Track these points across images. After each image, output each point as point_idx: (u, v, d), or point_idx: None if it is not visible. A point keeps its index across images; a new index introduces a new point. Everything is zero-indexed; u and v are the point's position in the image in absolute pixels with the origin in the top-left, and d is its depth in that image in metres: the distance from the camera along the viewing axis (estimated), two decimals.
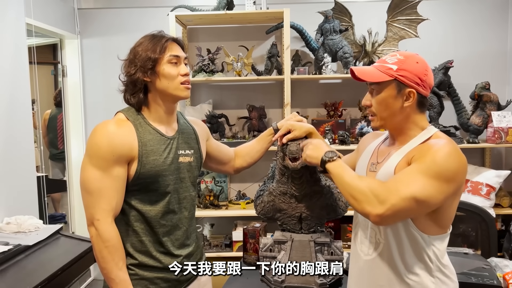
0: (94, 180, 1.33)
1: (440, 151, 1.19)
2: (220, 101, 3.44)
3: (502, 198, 3.17)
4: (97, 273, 3.45)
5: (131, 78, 1.40)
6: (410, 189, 1.14)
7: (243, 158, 1.82)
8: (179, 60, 1.44)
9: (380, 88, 1.29)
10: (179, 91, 1.43)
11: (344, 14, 3.18)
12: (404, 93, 1.27)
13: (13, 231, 2.14)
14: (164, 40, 1.42)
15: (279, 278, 1.70)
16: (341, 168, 1.28)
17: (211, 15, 3.06)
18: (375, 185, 1.19)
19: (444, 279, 1.30)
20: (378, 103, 1.30)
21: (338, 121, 3.22)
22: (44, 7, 2.97)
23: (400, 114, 1.29)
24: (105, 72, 3.44)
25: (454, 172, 1.18)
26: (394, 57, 1.30)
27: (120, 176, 1.35)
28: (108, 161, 1.33)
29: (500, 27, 3.33)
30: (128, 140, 1.37)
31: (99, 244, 1.34)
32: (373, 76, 1.29)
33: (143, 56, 1.39)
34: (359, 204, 1.19)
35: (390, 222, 1.22)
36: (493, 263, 2.05)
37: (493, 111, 3.05)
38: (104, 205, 1.33)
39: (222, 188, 3.35)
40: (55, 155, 3.99)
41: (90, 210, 1.34)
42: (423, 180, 1.15)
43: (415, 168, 1.18)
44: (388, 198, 1.14)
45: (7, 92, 2.38)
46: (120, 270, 1.35)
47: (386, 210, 1.14)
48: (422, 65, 1.28)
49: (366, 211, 1.18)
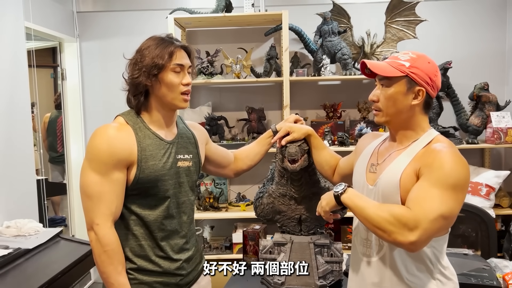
0: (94, 184, 1.33)
1: (448, 160, 1.19)
2: (219, 103, 3.44)
3: (502, 199, 3.17)
4: (97, 276, 3.45)
5: (133, 80, 1.39)
6: (436, 209, 1.14)
7: (243, 161, 1.82)
8: (183, 68, 1.42)
9: (390, 83, 1.29)
10: (177, 101, 1.42)
11: (343, 15, 3.19)
12: (413, 91, 1.28)
13: (13, 234, 2.14)
14: (172, 47, 1.39)
15: (279, 280, 1.70)
16: (357, 199, 1.27)
17: (210, 18, 3.07)
18: (399, 213, 1.16)
19: (445, 281, 1.31)
20: (386, 98, 1.30)
21: (337, 123, 3.22)
22: (43, 11, 2.97)
23: (406, 112, 1.30)
24: (104, 75, 3.44)
25: (465, 179, 1.20)
26: (407, 55, 1.31)
27: (119, 180, 1.35)
28: (108, 165, 1.33)
29: (498, 27, 3.34)
30: (127, 144, 1.37)
31: (98, 248, 1.33)
32: (385, 70, 1.29)
33: (148, 61, 1.37)
34: (389, 236, 1.17)
35: (424, 245, 1.20)
36: (493, 263, 2.05)
37: (492, 112, 3.06)
38: (104, 210, 1.33)
39: (222, 190, 3.35)
40: (55, 158, 3.99)
41: (90, 214, 1.34)
42: (443, 195, 1.16)
43: (430, 184, 1.17)
44: (417, 224, 1.13)
45: (7, 95, 2.38)
46: (119, 275, 1.35)
47: (420, 237, 1.14)
48: (433, 66, 1.30)
49: (398, 241, 1.17)
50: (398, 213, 1.17)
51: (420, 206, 1.15)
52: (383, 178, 1.30)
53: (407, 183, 1.24)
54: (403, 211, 1.17)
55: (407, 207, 1.17)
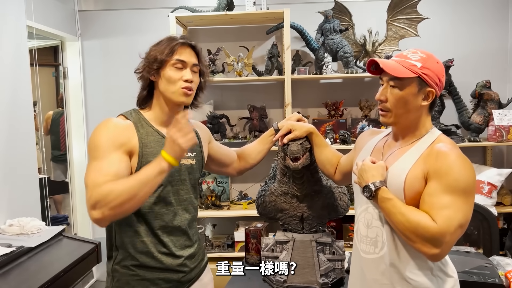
0: (97, 168, 1.29)
1: (456, 165, 1.19)
2: (221, 101, 3.45)
3: (504, 197, 3.17)
4: (100, 274, 3.46)
5: (137, 74, 1.45)
6: (454, 220, 1.16)
7: (245, 160, 1.82)
8: (185, 65, 1.43)
9: (402, 84, 1.27)
10: (176, 95, 1.42)
11: (344, 13, 3.19)
12: (424, 92, 1.27)
13: (15, 233, 2.14)
14: (174, 43, 1.41)
15: (281, 278, 1.70)
16: (388, 203, 1.25)
17: (211, 16, 3.07)
18: (425, 226, 1.17)
19: (445, 278, 1.31)
20: (396, 99, 1.28)
21: (339, 121, 3.22)
22: (44, 10, 2.98)
23: (415, 112, 1.29)
24: (106, 74, 3.45)
25: (473, 182, 1.21)
26: (416, 54, 1.28)
27: (123, 160, 1.33)
28: (109, 148, 1.32)
29: (500, 25, 3.33)
30: (128, 134, 1.38)
31: (113, 199, 1.21)
32: (398, 71, 1.26)
33: (152, 56, 1.41)
34: (413, 244, 1.21)
35: (446, 255, 1.24)
36: (495, 261, 2.05)
37: (494, 110, 3.05)
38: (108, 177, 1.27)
39: (224, 189, 3.35)
40: (57, 156, 4.00)
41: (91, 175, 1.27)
42: (456, 202, 1.17)
43: (442, 191, 1.18)
44: (442, 239, 1.16)
45: (9, 94, 2.39)
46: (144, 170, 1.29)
47: (442, 250, 1.18)
48: (441, 66, 1.29)
49: (421, 251, 1.20)
50: (424, 226, 1.17)
51: (442, 219, 1.16)
52: (386, 176, 1.30)
53: (413, 185, 1.24)
54: (429, 225, 1.17)
55: (432, 220, 1.18)
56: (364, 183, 1.30)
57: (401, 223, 1.21)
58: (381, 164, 1.30)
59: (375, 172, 1.29)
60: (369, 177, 1.29)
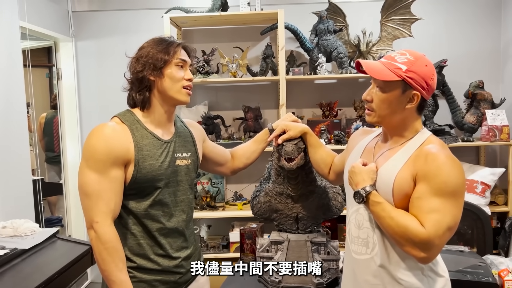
0: (92, 182, 1.33)
1: (444, 166, 1.19)
2: (216, 102, 3.44)
3: (497, 196, 3.18)
4: (94, 276, 3.45)
5: (137, 75, 1.42)
6: (443, 223, 1.17)
7: (239, 159, 1.82)
8: (185, 65, 1.46)
9: (385, 86, 1.27)
10: (180, 94, 1.45)
11: (338, 14, 3.19)
12: (408, 95, 1.26)
13: (9, 235, 2.13)
14: (176, 44, 1.45)
15: (276, 278, 1.71)
16: (378, 207, 1.25)
17: (206, 17, 3.07)
18: (414, 231, 1.17)
19: (436, 277, 1.32)
20: (380, 100, 1.29)
21: (333, 121, 3.23)
22: (38, 10, 2.96)
23: (399, 114, 1.29)
24: (100, 74, 3.43)
25: (462, 184, 1.22)
26: (404, 56, 1.27)
27: (117, 178, 1.36)
28: (105, 163, 1.33)
29: (493, 25, 3.36)
30: (124, 142, 1.37)
31: (98, 246, 1.33)
32: (382, 74, 1.26)
33: (154, 55, 1.41)
34: (403, 247, 1.22)
35: (435, 257, 1.26)
36: (489, 260, 2.06)
37: (487, 109, 3.07)
38: (103, 207, 1.33)
39: (219, 189, 3.35)
40: (51, 158, 3.98)
41: (89, 212, 1.34)
42: (446, 205, 1.18)
43: (431, 193, 1.18)
44: (430, 243, 1.17)
45: (2, 95, 2.37)
46: (120, 272, 1.35)
47: (432, 254, 1.20)
48: (430, 69, 1.27)
49: (411, 254, 1.21)
50: (412, 231, 1.18)
51: (430, 223, 1.17)
52: (376, 178, 1.30)
53: (402, 186, 1.24)
54: (417, 230, 1.17)
55: (420, 225, 1.18)
56: (354, 186, 1.30)
57: (390, 227, 1.22)
58: (371, 168, 1.30)
59: (365, 176, 1.29)
60: (359, 181, 1.29)
